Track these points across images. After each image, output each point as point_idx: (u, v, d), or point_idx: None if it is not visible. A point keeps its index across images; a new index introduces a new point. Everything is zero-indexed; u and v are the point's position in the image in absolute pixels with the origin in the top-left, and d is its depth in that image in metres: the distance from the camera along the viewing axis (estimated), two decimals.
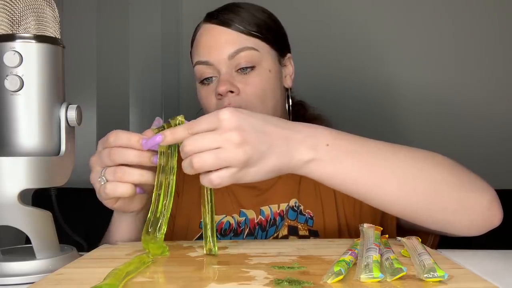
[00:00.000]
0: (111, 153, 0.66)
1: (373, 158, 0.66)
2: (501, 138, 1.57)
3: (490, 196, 0.70)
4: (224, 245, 0.71)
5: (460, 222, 0.70)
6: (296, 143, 0.63)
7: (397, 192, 0.66)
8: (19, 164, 0.62)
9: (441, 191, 0.67)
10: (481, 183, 0.71)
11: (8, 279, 0.59)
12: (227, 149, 0.59)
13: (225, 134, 0.59)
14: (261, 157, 0.61)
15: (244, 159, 0.60)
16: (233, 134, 0.59)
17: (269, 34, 0.92)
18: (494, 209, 0.70)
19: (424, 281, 0.50)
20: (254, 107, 0.88)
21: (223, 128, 0.60)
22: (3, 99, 0.63)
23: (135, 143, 0.66)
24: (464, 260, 0.62)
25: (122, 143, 0.66)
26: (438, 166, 0.69)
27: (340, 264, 0.53)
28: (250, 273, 0.54)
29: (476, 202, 0.69)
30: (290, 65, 0.98)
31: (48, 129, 0.65)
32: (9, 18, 0.63)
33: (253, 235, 0.90)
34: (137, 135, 0.66)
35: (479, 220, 0.70)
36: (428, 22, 1.59)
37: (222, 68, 0.88)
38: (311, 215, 0.89)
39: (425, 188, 0.67)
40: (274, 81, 0.92)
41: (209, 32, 0.91)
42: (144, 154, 0.66)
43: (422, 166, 0.68)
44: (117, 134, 0.67)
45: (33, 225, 0.63)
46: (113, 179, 0.66)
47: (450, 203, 0.68)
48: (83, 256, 0.66)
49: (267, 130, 0.62)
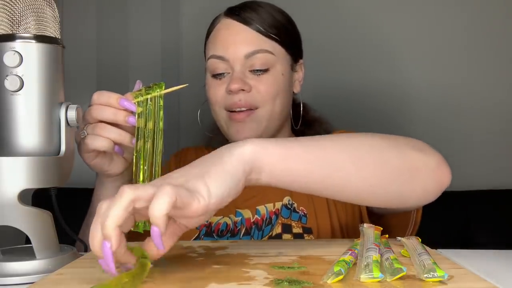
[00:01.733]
0: (91, 109, 0.71)
1: (316, 149, 0.61)
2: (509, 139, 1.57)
3: (437, 156, 0.67)
4: (224, 245, 0.71)
5: (415, 189, 0.66)
6: (229, 176, 0.55)
7: (352, 169, 0.62)
8: (19, 164, 0.62)
9: (389, 157, 0.64)
10: (425, 146, 0.68)
11: (8, 279, 0.59)
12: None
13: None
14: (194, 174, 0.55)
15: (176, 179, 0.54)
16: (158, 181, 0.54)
17: (287, 39, 0.93)
18: (442, 168, 0.67)
19: (424, 281, 0.50)
20: (263, 105, 0.90)
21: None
22: (3, 99, 0.63)
23: (113, 101, 0.70)
24: (464, 260, 0.62)
25: (102, 101, 0.71)
26: (378, 138, 0.66)
27: (340, 264, 0.53)
28: (250, 273, 0.54)
29: (425, 163, 0.65)
30: (301, 71, 0.99)
31: (48, 129, 0.65)
32: (9, 18, 0.63)
33: (250, 234, 0.90)
34: (117, 95, 0.71)
35: (431, 182, 0.66)
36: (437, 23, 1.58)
37: (236, 65, 0.89)
38: (304, 213, 0.90)
39: (375, 157, 0.63)
40: (285, 85, 0.93)
41: (229, 27, 0.92)
42: (120, 113, 0.70)
43: (363, 139, 0.64)
44: (99, 93, 0.72)
45: (33, 225, 0.63)
46: (92, 133, 0.71)
47: (401, 168, 0.64)
48: (83, 256, 0.66)
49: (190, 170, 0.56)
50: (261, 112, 0.90)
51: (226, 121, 0.92)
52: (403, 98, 1.58)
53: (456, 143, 1.54)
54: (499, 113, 1.57)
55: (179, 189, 0.49)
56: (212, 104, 0.94)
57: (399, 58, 1.59)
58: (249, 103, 0.89)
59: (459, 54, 1.58)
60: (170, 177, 0.54)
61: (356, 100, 1.57)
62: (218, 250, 0.68)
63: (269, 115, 0.91)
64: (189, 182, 0.52)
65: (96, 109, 0.71)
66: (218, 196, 0.53)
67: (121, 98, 0.70)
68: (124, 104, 0.70)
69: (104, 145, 0.71)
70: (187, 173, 0.54)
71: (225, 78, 0.91)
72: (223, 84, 0.91)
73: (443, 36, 1.58)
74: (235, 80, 0.88)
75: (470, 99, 1.58)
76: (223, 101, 0.91)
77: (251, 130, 0.90)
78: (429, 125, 1.58)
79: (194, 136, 1.22)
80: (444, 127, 1.58)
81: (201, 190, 0.52)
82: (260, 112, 0.90)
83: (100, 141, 0.71)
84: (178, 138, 1.57)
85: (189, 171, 0.55)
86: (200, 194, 0.51)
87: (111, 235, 0.47)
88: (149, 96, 0.70)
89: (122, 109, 0.70)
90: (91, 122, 0.72)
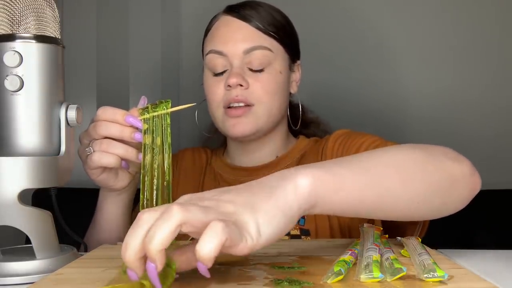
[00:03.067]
0: (96, 125, 0.70)
1: (364, 171, 0.58)
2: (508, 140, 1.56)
3: (468, 163, 0.66)
4: None
5: (454, 200, 0.65)
6: (282, 213, 0.50)
7: (400, 187, 0.60)
8: (19, 164, 0.62)
9: (430, 171, 0.62)
10: (455, 154, 0.67)
11: (8, 279, 0.59)
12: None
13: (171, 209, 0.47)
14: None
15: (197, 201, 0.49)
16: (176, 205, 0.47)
17: (285, 37, 0.94)
18: (475, 176, 0.66)
19: (424, 281, 0.50)
20: (261, 102, 0.90)
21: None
22: (3, 99, 0.63)
23: (119, 117, 0.69)
24: (464, 260, 0.62)
25: (108, 117, 0.70)
26: (416, 150, 0.64)
27: (340, 264, 0.53)
28: (250, 273, 0.54)
29: (461, 172, 0.64)
30: (298, 72, 1.00)
31: (48, 129, 0.65)
32: (9, 18, 0.63)
33: None
34: (123, 111, 0.70)
35: (466, 191, 0.66)
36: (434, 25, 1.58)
37: (235, 61, 0.90)
38: None
39: (418, 173, 0.61)
40: (282, 83, 0.93)
41: (228, 24, 0.92)
42: (126, 129, 0.69)
43: (404, 155, 0.62)
44: (104, 109, 0.71)
45: (33, 225, 0.63)
46: (99, 149, 0.70)
47: (442, 181, 0.63)
48: (83, 256, 0.66)
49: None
50: (258, 109, 0.90)
51: (222, 117, 0.92)
52: (400, 100, 1.58)
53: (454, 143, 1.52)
54: (497, 114, 1.57)
55: (230, 227, 0.45)
56: (210, 102, 0.94)
57: (397, 59, 1.59)
58: (246, 99, 0.89)
59: (457, 56, 1.58)
60: (219, 200, 0.49)
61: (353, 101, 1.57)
62: None
63: (266, 113, 0.91)
64: (239, 216, 0.47)
65: (101, 125, 0.70)
66: (267, 237, 0.48)
67: (127, 115, 0.69)
68: (130, 121, 0.69)
69: (112, 162, 0.70)
70: (235, 199, 0.49)
71: (224, 76, 0.91)
72: (222, 82, 0.91)
73: (441, 38, 1.58)
74: (233, 75, 0.88)
75: (468, 100, 1.58)
76: (221, 98, 0.91)
77: (247, 125, 0.90)
78: (426, 126, 1.58)
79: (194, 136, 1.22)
80: (442, 128, 1.57)
81: (250, 229, 0.47)
82: (257, 109, 0.90)
83: (107, 158, 0.70)
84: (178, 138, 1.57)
85: (236, 196, 0.49)
86: (249, 233, 0.47)
87: (157, 257, 0.44)
88: (155, 114, 0.68)
89: (128, 126, 0.69)
90: (96, 138, 0.71)
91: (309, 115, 1.09)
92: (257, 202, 0.49)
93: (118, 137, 0.70)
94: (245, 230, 0.47)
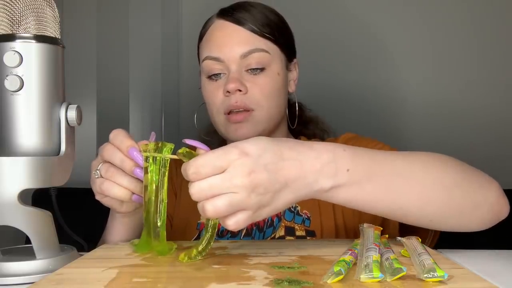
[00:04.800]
0: (105, 148, 0.68)
1: (391, 180, 0.63)
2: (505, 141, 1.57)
3: (497, 189, 0.69)
4: (224, 245, 0.71)
5: (473, 221, 0.69)
6: (314, 175, 0.59)
7: (417, 206, 0.65)
8: (19, 164, 0.62)
9: (455, 195, 0.66)
10: (485, 178, 0.70)
11: (8, 279, 0.59)
12: (239, 194, 0.55)
13: (235, 180, 0.55)
14: (276, 196, 0.57)
15: (257, 202, 0.56)
16: (244, 179, 0.55)
17: (281, 38, 0.93)
18: (501, 202, 0.69)
19: (424, 281, 0.50)
20: (261, 106, 0.90)
21: (233, 172, 0.55)
22: (3, 99, 0.63)
23: (123, 147, 0.67)
24: (464, 260, 0.62)
25: (115, 143, 0.68)
26: (448, 169, 0.67)
27: (340, 264, 0.53)
28: (250, 273, 0.54)
29: (486, 199, 0.68)
30: (295, 70, 0.99)
31: (48, 129, 0.65)
32: (9, 18, 0.63)
33: (251, 235, 0.90)
34: (130, 142, 0.67)
35: (489, 215, 0.69)
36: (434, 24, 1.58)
37: (232, 66, 0.89)
38: (308, 216, 0.89)
39: (442, 196, 0.65)
40: (281, 84, 0.93)
41: (223, 28, 0.91)
42: (127, 162, 0.66)
43: (435, 174, 0.66)
44: (116, 133, 0.68)
45: (33, 225, 0.63)
46: (104, 176, 0.68)
47: (464, 205, 0.67)
48: (83, 256, 0.66)
49: (281, 166, 0.57)
50: (258, 113, 0.90)
51: (224, 122, 0.91)
52: (399, 99, 1.58)
53: (453, 144, 1.54)
54: (497, 114, 1.57)
55: (256, 213, 0.57)
56: (209, 107, 0.93)
57: (395, 58, 1.59)
58: (246, 105, 0.88)
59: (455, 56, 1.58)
60: (257, 164, 0.56)
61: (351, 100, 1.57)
62: (218, 250, 0.68)
63: (266, 116, 0.91)
64: (271, 199, 0.57)
65: (108, 150, 0.68)
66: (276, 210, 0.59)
67: (131, 148, 0.66)
68: (133, 155, 0.66)
69: (121, 195, 0.68)
70: (272, 179, 0.57)
71: (221, 80, 0.90)
72: (220, 88, 0.90)
73: (440, 37, 1.58)
74: (232, 80, 0.88)
75: (467, 100, 1.58)
76: (221, 105, 0.90)
77: (249, 129, 0.90)
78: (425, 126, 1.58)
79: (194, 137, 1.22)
80: (440, 128, 1.57)
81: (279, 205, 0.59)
82: (257, 114, 0.90)
83: (117, 190, 0.68)
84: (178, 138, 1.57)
85: (275, 176, 0.57)
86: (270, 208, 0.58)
87: (204, 211, 0.56)
88: (155, 155, 0.64)
89: (130, 158, 0.67)
90: (104, 159, 0.69)
91: (308, 113, 1.08)
92: (290, 180, 0.58)
93: (119, 167, 0.67)
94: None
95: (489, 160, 1.51)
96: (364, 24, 1.58)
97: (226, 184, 0.55)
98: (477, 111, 1.57)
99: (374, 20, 1.58)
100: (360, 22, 1.58)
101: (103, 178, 0.68)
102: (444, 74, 1.58)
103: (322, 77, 1.55)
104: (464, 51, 1.58)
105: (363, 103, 1.57)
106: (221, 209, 0.55)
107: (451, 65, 1.58)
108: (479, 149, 1.53)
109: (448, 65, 1.58)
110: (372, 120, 1.56)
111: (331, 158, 0.60)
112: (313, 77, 1.48)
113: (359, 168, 0.61)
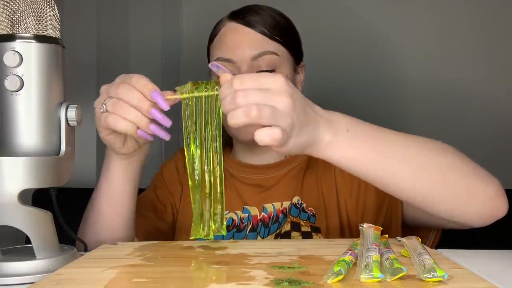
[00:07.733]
0: (120, 86, 0.67)
1: (387, 146, 0.68)
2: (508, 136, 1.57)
3: (496, 186, 0.71)
4: (224, 245, 0.71)
5: (468, 210, 0.71)
6: (320, 125, 0.65)
7: (410, 179, 0.68)
8: (19, 164, 0.62)
9: (451, 178, 0.69)
10: (486, 173, 0.72)
11: (8, 279, 0.59)
12: (281, 110, 0.59)
13: (280, 97, 0.60)
14: (300, 129, 0.62)
15: (292, 124, 0.60)
16: (287, 99, 0.60)
17: (289, 40, 0.95)
18: (499, 200, 0.71)
19: (424, 281, 0.50)
20: None
21: (278, 91, 0.60)
22: (3, 99, 0.63)
23: (146, 90, 0.67)
24: (464, 260, 0.62)
25: (137, 87, 0.67)
26: (447, 154, 0.70)
27: (340, 264, 0.53)
28: (250, 273, 0.54)
29: (483, 191, 0.70)
30: (302, 73, 1.00)
31: (48, 129, 0.65)
32: (9, 18, 0.63)
33: (256, 231, 0.90)
34: (153, 85, 0.68)
35: (486, 209, 0.71)
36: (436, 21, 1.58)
37: (243, 67, 0.90)
38: (313, 213, 0.90)
39: (436, 175, 0.68)
40: None
41: (234, 31, 0.93)
42: (145, 101, 0.66)
43: (432, 154, 0.69)
44: (138, 77, 0.68)
45: (33, 225, 0.63)
46: (111, 110, 0.67)
47: (459, 190, 0.69)
48: (83, 256, 0.66)
49: (305, 108, 0.63)
50: None
51: None
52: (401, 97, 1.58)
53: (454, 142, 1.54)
54: (498, 112, 1.57)
55: (285, 137, 0.60)
56: None
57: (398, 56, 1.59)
58: None
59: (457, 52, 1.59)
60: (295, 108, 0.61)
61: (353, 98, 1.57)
62: (218, 250, 0.68)
63: None
64: (298, 131, 0.61)
65: (124, 87, 0.67)
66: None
67: (154, 90, 0.67)
68: (156, 97, 0.66)
69: (128, 129, 0.67)
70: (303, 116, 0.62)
71: None
72: None
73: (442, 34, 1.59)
74: None
75: (469, 97, 1.58)
76: None
77: None
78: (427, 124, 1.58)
79: None
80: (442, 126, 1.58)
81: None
82: None
83: (123, 124, 0.67)
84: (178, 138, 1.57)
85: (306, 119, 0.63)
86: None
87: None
88: (192, 96, 0.66)
89: (148, 100, 0.67)
90: (113, 97, 0.68)
91: None
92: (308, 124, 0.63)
93: (134, 106, 0.67)
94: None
95: (492, 158, 1.51)
96: (366, 21, 1.59)
97: (272, 97, 0.59)
98: (480, 106, 1.58)
99: (375, 16, 1.59)
100: (361, 20, 1.59)
101: (108, 113, 0.68)
102: (447, 69, 1.58)
103: (323, 75, 1.55)
104: (467, 45, 1.58)
105: (364, 100, 1.57)
106: (266, 113, 0.58)
107: (454, 60, 1.59)
108: (481, 147, 1.53)
109: (451, 60, 1.59)
110: (372, 117, 1.56)
111: (332, 118, 0.66)
112: (315, 74, 1.47)
113: (358, 130, 0.67)
